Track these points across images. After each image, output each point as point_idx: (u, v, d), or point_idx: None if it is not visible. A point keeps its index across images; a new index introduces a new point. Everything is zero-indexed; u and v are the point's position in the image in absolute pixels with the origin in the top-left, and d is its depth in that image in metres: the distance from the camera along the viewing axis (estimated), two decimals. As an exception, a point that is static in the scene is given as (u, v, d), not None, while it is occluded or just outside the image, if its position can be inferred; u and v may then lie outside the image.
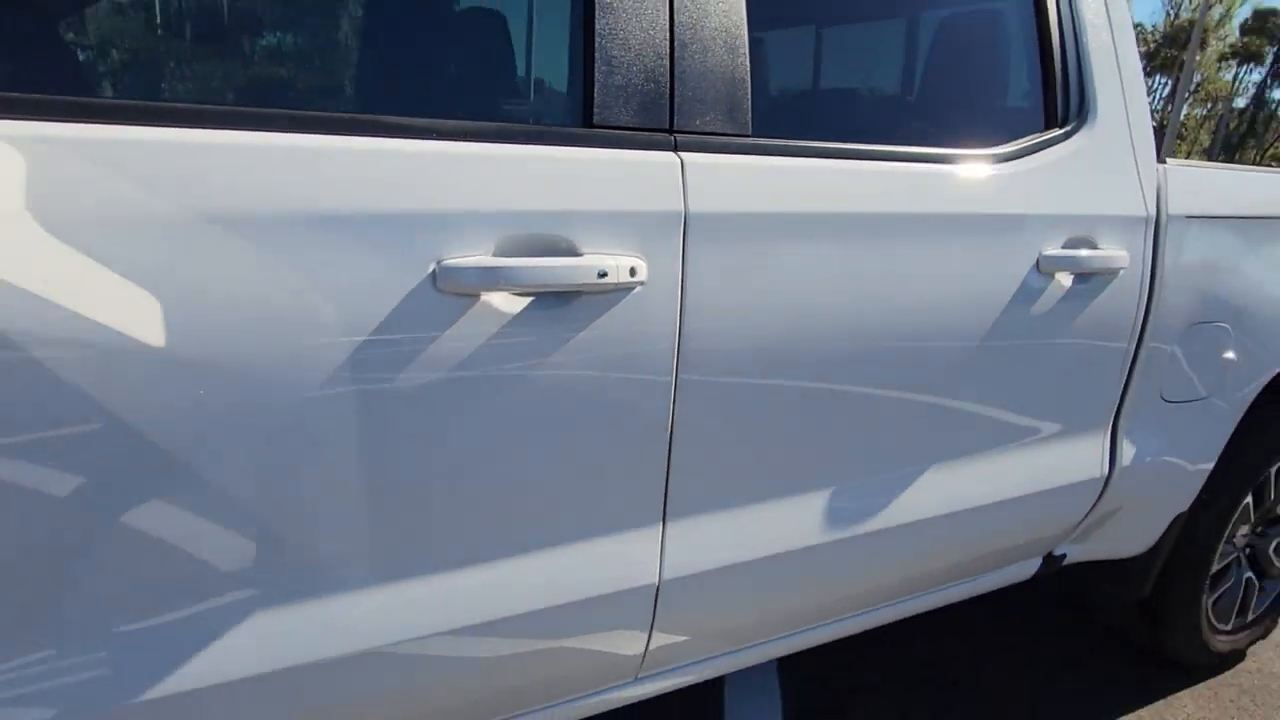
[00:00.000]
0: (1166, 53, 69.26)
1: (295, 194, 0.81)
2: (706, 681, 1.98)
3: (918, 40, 1.53)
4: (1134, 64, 1.61)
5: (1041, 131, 1.45)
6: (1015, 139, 1.41)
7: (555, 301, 0.94)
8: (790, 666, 2.07)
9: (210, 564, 0.83)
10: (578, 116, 1.00)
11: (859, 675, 2.07)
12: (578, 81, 1.00)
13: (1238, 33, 64.85)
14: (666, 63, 1.03)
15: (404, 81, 1.02)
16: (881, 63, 1.53)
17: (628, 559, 1.09)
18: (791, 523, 1.23)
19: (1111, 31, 1.56)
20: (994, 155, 1.36)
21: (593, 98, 0.99)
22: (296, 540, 0.86)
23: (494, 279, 0.89)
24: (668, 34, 1.03)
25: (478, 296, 0.90)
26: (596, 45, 0.98)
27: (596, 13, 0.98)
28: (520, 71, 1.14)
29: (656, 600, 1.13)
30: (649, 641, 1.18)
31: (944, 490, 1.40)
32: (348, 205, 0.83)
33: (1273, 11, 66.34)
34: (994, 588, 1.74)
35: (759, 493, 1.19)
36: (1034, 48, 1.47)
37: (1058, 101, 1.48)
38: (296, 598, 0.89)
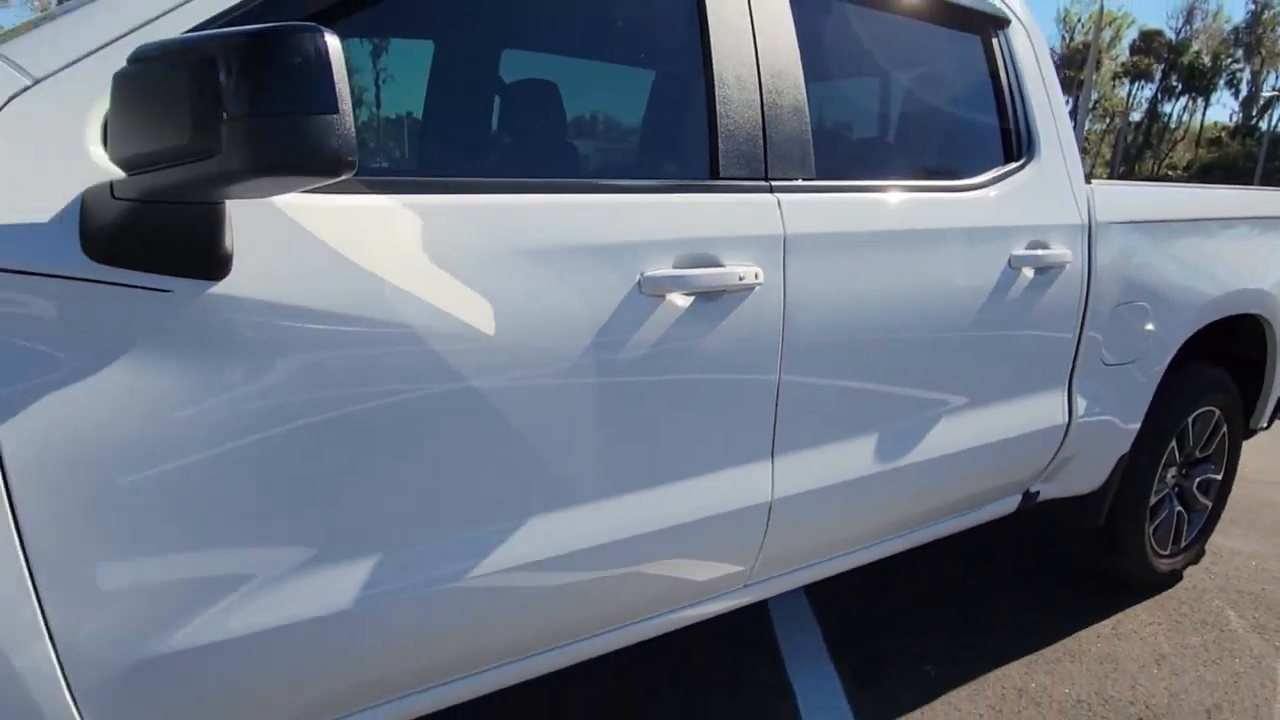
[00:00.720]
0: (1066, 72, 73.03)
1: (563, 233, 1.23)
2: (756, 621, 2.40)
3: (919, 105, 2.03)
4: (1062, 109, 2.13)
5: (1004, 165, 1.96)
6: (988, 172, 1.92)
7: (710, 297, 1.38)
8: (823, 601, 2.50)
9: (509, 478, 1.24)
10: (710, 173, 1.45)
11: (874, 603, 2.51)
12: (707, 150, 1.45)
13: (1128, 53, 68.97)
14: (760, 135, 1.49)
15: (619, 157, 1.45)
16: (894, 122, 2.02)
17: (753, 481, 1.52)
18: (853, 458, 1.68)
19: (1045, 87, 2.09)
20: (975, 184, 1.85)
21: (718, 161, 1.44)
22: (571, 461, 1.28)
23: (675, 284, 1.32)
24: (759, 117, 1.49)
25: (664, 296, 1.32)
26: (719, 127, 1.44)
27: (717, 108, 1.44)
28: (678, 147, 1.59)
29: (770, 514, 1.56)
30: (761, 549, 1.60)
31: (953, 433, 1.86)
32: (591, 239, 1.26)
33: (1158, 32, 70.68)
34: (989, 518, 2.21)
35: (833, 434, 1.63)
36: (993, 105, 1.98)
37: (1013, 143, 2.00)
38: (558, 506, 1.30)
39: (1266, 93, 59.79)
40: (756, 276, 1.41)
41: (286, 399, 1.03)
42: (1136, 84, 69.16)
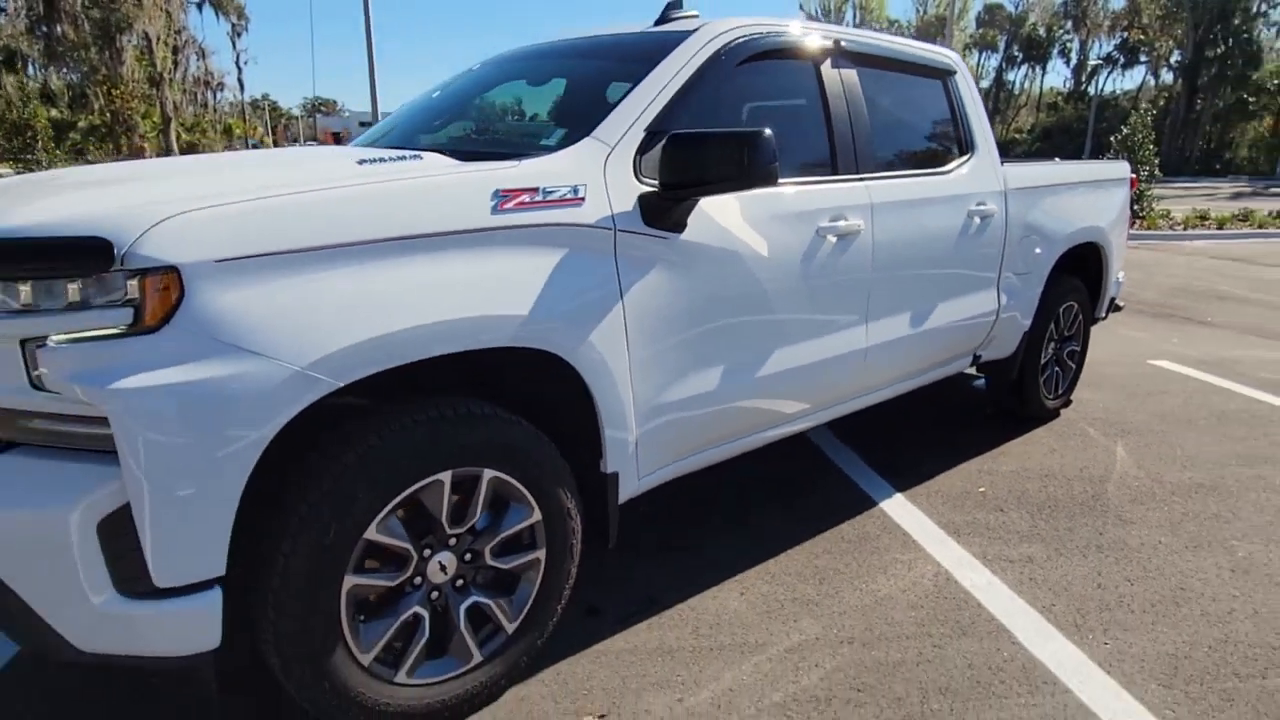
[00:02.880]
0: (921, 45, 76.52)
1: (788, 204, 2.52)
2: (807, 454, 3.77)
3: (917, 125, 3.41)
4: (985, 121, 3.57)
5: (960, 158, 3.38)
6: (953, 162, 3.33)
7: (843, 236, 2.69)
8: (852, 438, 3.89)
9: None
10: (833, 171, 2.76)
11: (886, 436, 3.93)
12: (828, 157, 2.77)
13: (974, 25, 74.09)
14: (853, 150, 2.82)
15: (804, 167, 2.73)
16: (906, 137, 3.38)
17: (859, 335, 2.86)
18: (901, 325, 3.05)
19: (977, 110, 3.51)
20: (947, 170, 3.26)
21: (836, 163, 2.76)
22: (798, 318, 2.58)
23: (831, 231, 2.63)
24: (851, 142, 2.81)
25: (825, 237, 2.63)
26: (836, 147, 2.75)
27: (835, 140, 2.75)
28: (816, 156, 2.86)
29: (865, 355, 2.91)
30: (862, 374, 2.95)
31: (946, 312, 3.27)
32: (797, 208, 2.55)
33: (999, 6, 75.83)
34: (958, 370, 3.67)
35: (891, 311, 3.00)
36: (952, 122, 3.39)
37: (963, 144, 3.41)
38: (793, 341, 2.60)
39: (1093, 60, 66.38)
40: (860, 225, 2.74)
41: (705, 285, 2.28)
42: (984, 54, 75.26)
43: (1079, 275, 4.26)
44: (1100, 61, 66.04)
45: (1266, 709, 2.06)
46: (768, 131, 2.06)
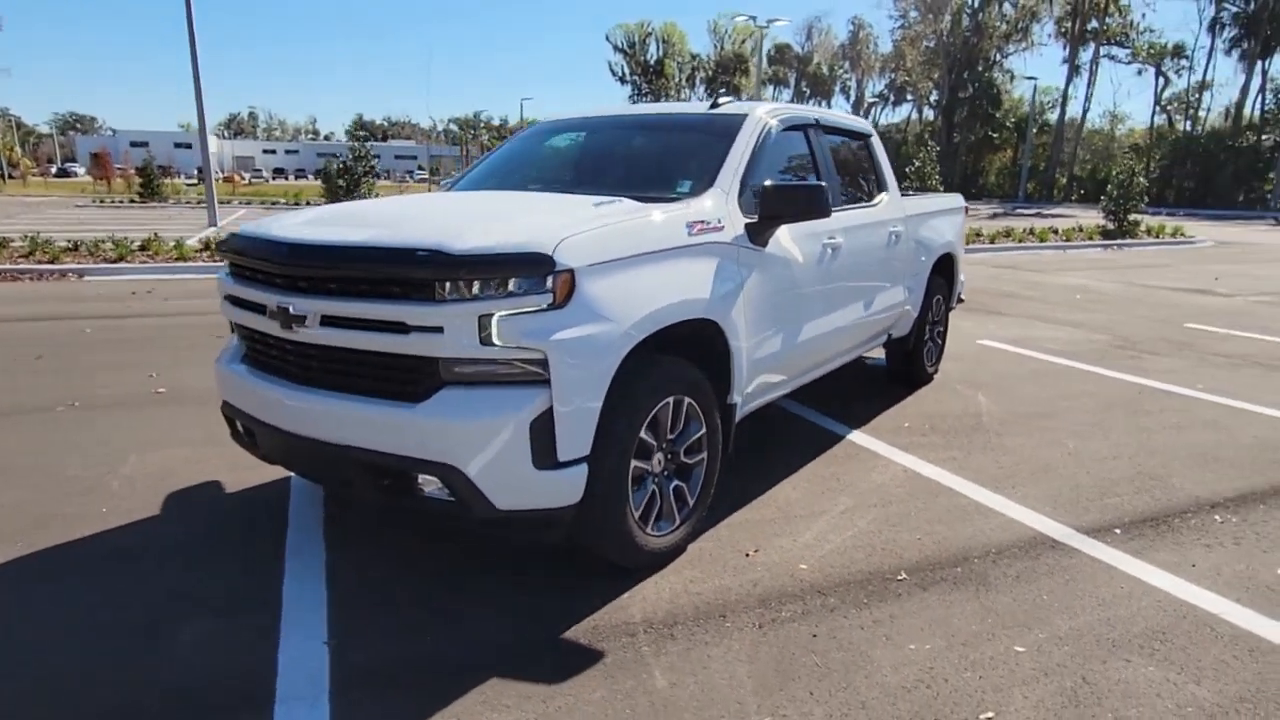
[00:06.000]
0: (722, 78, 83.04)
1: (814, 229, 3.82)
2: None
3: (857, 172, 4.84)
4: (889, 168, 5.10)
5: (879, 195, 4.88)
6: (876, 198, 4.81)
7: (835, 250, 4.04)
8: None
9: (820, 312, 3.82)
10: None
11: (801, 394, 5.36)
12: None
13: (766, 63, 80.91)
14: (829, 193, 4.20)
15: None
16: (851, 181, 4.79)
17: (842, 315, 4.23)
18: (856, 311, 4.46)
19: (884, 161, 5.05)
20: (875, 204, 4.74)
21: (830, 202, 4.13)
22: (834, 301, 3.88)
23: (830, 245, 3.97)
24: (829, 187, 4.18)
25: (827, 248, 3.96)
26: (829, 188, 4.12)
27: (824, 182, 4.11)
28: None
29: (846, 328, 4.29)
30: (843, 344, 4.32)
31: (879, 302, 4.73)
32: (815, 229, 3.85)
33: (788, 46, 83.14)
34: (879, 345, 5.16)
35: (854, 299, 4.40)
36: (872, 170, 4.89)
37: (879, 185, 4.92)
38: (838, 309, 3.90)
39: (869, 97, 75.09)
40: (842, 241, 4.10)
41: (776, 279, 3.51)
42: (776, 89, 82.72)
43: (942, 276, 5.94)
44: (875, 99, 74.75)
45: (1107, 514, 3.60)
46: (824, 184, 3.35)
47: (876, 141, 5.03)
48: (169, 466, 3.99)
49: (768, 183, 3.38)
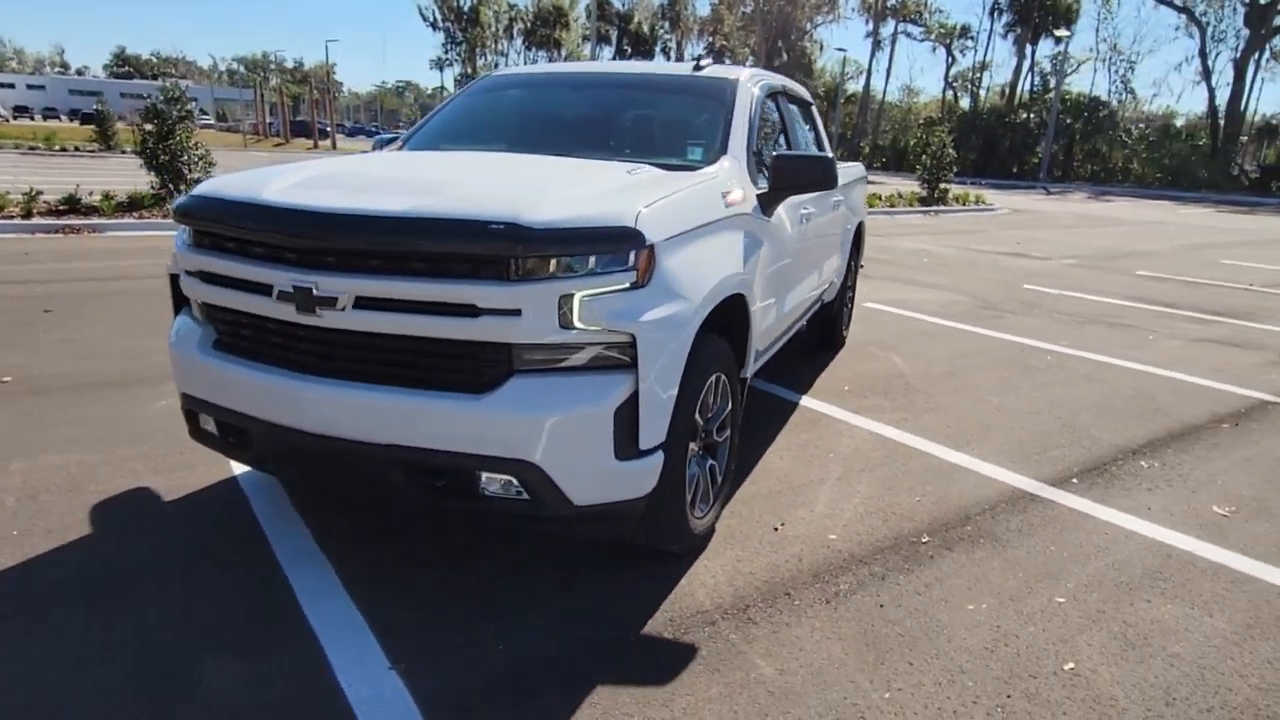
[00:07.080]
0: (541, 31, 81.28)
1: (795, 199, 3.82)
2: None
3: (805, 136, 4.88)
4: (824, 136, 5.21)
5: (823, 164, 4.99)
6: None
7: (808, 218, 4.08)
8: (746, 370, 5.34)
9: (796, 281, 3.83)
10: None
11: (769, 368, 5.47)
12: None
13: (584, 16, 79.99)
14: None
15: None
16: (801, 144, 4.83)
17: (816, 276, 4.29)
18: (813, 281, 4.55)
19: (820, 124, 5.14)
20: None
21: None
22: (810, 263, 3.90)
23: (805, 215, 4.00)
24: (796, 145, 4.19)
25: (804, 218, 3.99)
26: (792, 146, 4.13)
27: (791, 146, 4.11)
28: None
29: (816, 288, 4.35)
30: (809, 301, 4.39)
31: (825, 272, 4.85)
32: (795, 199, 3.86)
33: (609, 2, 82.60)
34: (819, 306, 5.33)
35: (817, 267, 4.48)
36: (815, 138, 4.96)
37: (819, 149, 5.02)
38: (800, 282, 3.91)
39: (688, 58, 76.48)
40: (813, 210, 4.15)
41: (778, 247, 3.49)
42: (599, 46, 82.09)
43: (854, 243, 6.21)
44: (697, 59, 76.17)
45: (1058, 466, 3.96)
46: (832, 154, 3.34)
47: (815, 109, 5.11)
48: (72, 473, 3.34)
49: (781, 153, 3.32)
